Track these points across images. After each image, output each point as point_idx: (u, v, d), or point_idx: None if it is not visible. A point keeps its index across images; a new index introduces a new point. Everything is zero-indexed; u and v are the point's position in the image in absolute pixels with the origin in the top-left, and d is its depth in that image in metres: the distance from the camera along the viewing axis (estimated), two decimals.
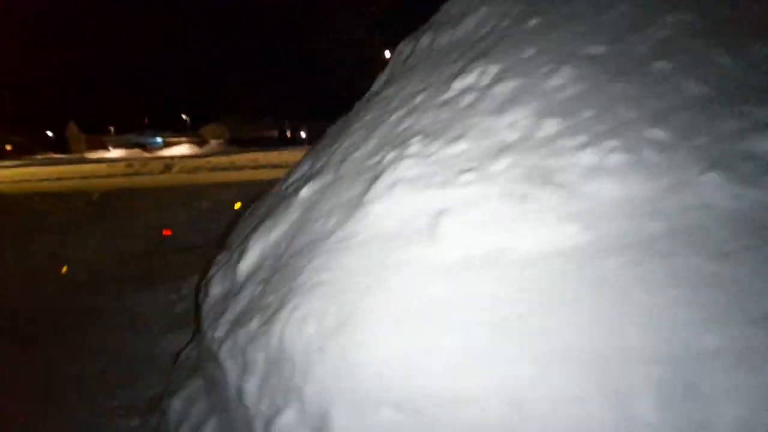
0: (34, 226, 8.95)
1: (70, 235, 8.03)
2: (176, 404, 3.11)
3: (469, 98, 3.00)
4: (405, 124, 3.12)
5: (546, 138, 2.60)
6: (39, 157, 47.42)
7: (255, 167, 21.52)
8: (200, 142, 55.03)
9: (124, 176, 20.09)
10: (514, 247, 2.25)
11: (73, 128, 57.17)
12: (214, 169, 20.92)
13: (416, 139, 2.86)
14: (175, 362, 4.04)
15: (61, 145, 55.96)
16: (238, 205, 8.14)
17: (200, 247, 7.98)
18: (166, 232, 7.60)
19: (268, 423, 2.31)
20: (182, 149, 48.33)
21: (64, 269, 6.38)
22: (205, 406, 2.97)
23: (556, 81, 2.85)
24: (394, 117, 3.28)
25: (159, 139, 58.50)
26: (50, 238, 7.71)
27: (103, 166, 25.66)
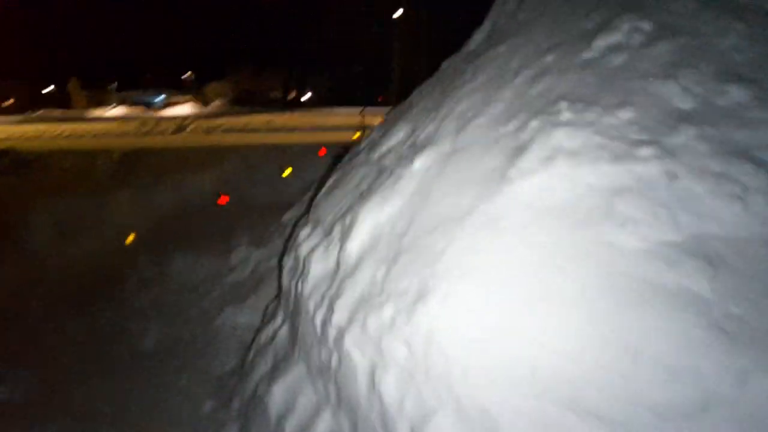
0: (62, 187, 8.60)
1: (100, 199, 7.69)
2: (277, 392, 2.84)
3: (619, 59, 2.62)
4: (539, 87, 2.75)
5: (732, 107, 2.25)
6: (42, 112, 46.45)
7: (269, 129, 21.00)
8: (204, 102, 53.83)
9: (137, 136, 19.55)
10: (717, 234, 1.94)
11: (75, 84, 55.85)
12: (228, 130, 20.37)
13: (564, 105, 2.50)
14: (253, 341, 3.78)
15: (62, 100, 54.82)
16: (287, 172, 7.76)
17: (238, 214, 7.66)
18: (223, 199, 7.20)
19: (417, 428, 2.05)
20: (185, 108, 47.20)
21: (130, 238, 6.06)
22: (314, 399, 2.70)
23: (730, 41, 2.48)
24: (520, 79, 2.90)
25: (161, 98, 57.31)
26: (82, 202, 7.37)
27: (114, 124, 25.02)
